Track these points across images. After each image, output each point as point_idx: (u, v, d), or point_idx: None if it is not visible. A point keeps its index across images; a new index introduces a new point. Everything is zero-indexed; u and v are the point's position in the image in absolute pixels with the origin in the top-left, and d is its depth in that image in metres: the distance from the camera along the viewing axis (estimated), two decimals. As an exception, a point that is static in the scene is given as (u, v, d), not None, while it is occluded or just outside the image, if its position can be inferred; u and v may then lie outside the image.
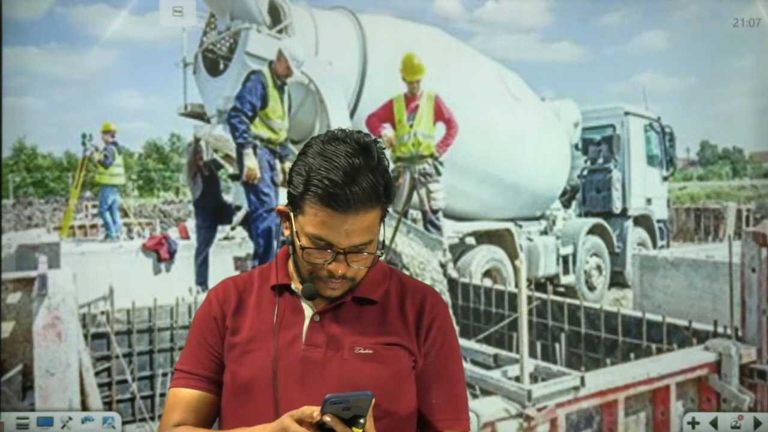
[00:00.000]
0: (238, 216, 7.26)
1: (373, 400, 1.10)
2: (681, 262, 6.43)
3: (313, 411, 1.09)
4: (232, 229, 7.63)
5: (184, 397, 1.29)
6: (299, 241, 1.22)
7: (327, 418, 1.08)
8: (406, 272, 5.78)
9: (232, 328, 1.29)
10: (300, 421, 1.10)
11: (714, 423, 2.99)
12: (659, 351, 5.02)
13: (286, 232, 1.26)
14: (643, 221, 10.41)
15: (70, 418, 2.95)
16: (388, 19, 7.93)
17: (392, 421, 1.23)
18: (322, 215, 1.17)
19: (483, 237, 8.45)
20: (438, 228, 6.90)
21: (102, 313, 5.59)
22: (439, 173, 6.87)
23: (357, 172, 1.16)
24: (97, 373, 5.02)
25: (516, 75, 8.93)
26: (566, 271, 9.25)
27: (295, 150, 5.99)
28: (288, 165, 5.73)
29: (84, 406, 3.73)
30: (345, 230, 1.18)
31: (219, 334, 1.30)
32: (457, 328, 5.83)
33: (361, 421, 1.09)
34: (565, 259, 9.25)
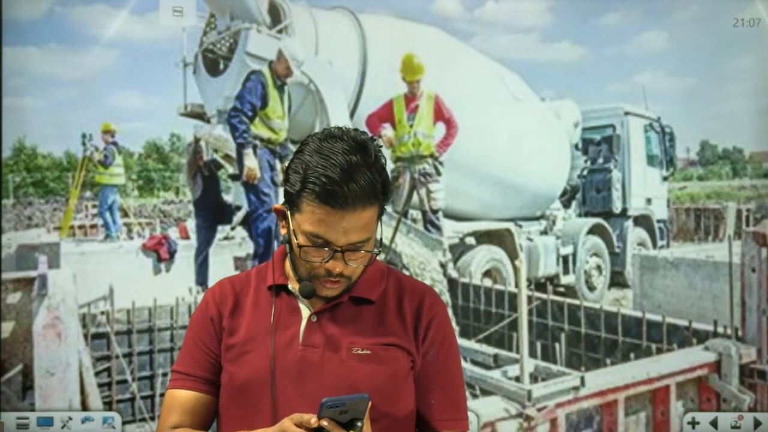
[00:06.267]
0: (238, 216, 7.25)
1: (370, 403, 1.10)
2: (681, 262, 6.43)
3: (312, 417, 1.08)
4: (232, 229, 7.63)
5: (181, 398, 1.28)
6: (296, 239, 1.21)
7: (324, 423, 1.07)
8: (406, 272, 5.77)
9: (229, 329, 1.28)
10: (300, 425, 1.09)
11: (714, 423, 2.99)
12: (659, 351, 5.02)
13: (283, 231, 1.26)
14: (643, 221, 10.42)
15: (70, 418, 2.95)
16: (388, 19, 7.92)
17: (391, 423, 1.23)
18: (320, 213, 1.17)
19: (483, 237, 8.45)
20: (438, 228, 6.89)
21: (102, 313, 5.59)
22: (439, 173, 6.87)
23: (354, 170, 1.16)
24: (97, 373, 5.02)
25: (516, 75, 8.94)
26: (566, 271, 9.26)
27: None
28: (288, 165, 5.71)
29: (84, 406, 3.73)
30: (342, 228, 1.17)
31: (216, 335, 1.29)
32: (457, 328, 5.83)
33: (359, 424, 1.09)
34: (565, 259, 9.25)
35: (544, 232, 9.32)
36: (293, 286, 1.29)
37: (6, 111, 4.35)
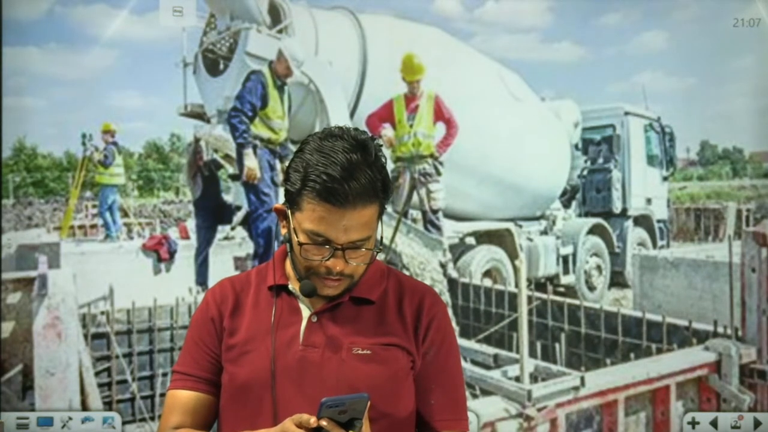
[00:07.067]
0: (238, 216, 7.25)
1: (369, 403, 1.10)
2: (681, 262, 6.43)
3: (311, 417, 1.09)
4: (232, 229, 7.64)
5: (182, 398, 1.28)
6: (297, 238, 1.21)
7: (323, 423, 1.07)
8: (406, 272, 5.78)
9: (230, 329, 1.28)
10: (300, 425, 1.10)
11: (714, 423, 2.99)
12: (659, 351, 5.02)
13: (283, 231, 1.26)
14: (643, 221, 10.42)
15: (70, 418, 2.95)
16: (388, 19, 7.93)
17: (390, 423, 1.23)
18: (320, 210, 1.17)
19: (483, 237, 8.45)
20: (438, 228, 6.89)
21: (102, 313, 5.60)
22: (439, 173, 6.87)
23: (355, 168, 1.16)
24: (97, 373, 5.02)
25: (516, 75, 8.94)
26: (566, 271, 9.26)
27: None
28: (288, 165, 5.70)
29: (84, 406, 3.73)
30: (343, 226, 1.18)
31: (216, 335, 1.29)
32: (457, 328, 5.83)
33: (358, 424, 1.09)
34: (565, 259, 9.25)
35: (544, 232, 9.32)
36: (294, 286, 1.29)
37: (6, 111, 4.35)
